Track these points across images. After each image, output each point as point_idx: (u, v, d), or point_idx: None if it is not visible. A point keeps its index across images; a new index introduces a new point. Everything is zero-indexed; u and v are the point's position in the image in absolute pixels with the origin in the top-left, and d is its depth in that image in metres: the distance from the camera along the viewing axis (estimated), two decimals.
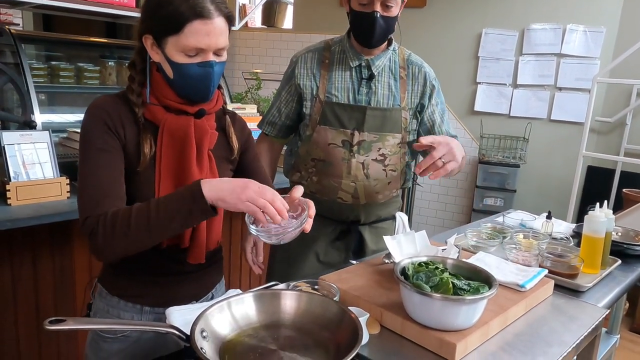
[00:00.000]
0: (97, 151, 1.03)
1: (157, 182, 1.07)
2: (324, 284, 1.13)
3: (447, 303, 0.98)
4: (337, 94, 1.55)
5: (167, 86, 1.08)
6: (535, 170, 4.08)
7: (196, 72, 1.03)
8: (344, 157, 1.55)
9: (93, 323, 1.02)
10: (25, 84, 2.47)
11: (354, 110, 1.54)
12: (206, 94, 1.07)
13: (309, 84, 1.58)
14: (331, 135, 1.55)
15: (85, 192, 1.02)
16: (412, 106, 1.60)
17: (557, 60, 3.93)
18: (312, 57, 1.60)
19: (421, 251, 1.34)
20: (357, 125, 1.53)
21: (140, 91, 1.08)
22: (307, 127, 1.59)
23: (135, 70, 1.10)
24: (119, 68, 3.06)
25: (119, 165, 1.05)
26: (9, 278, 1.93)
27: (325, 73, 1.57)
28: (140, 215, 0.95)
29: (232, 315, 0.89)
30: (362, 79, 1.56)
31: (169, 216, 0.95)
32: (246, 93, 3.71)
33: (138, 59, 1.10)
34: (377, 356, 0.94)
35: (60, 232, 2.02)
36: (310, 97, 1.58)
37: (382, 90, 1.56)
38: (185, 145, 1.08)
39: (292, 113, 1.64)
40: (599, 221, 1.44)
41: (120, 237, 0.95)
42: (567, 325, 1.15)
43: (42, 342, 2.06)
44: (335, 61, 1.58)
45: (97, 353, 1.14)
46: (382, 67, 1.57)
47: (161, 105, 1.08)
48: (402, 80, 1.59)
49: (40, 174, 1.98)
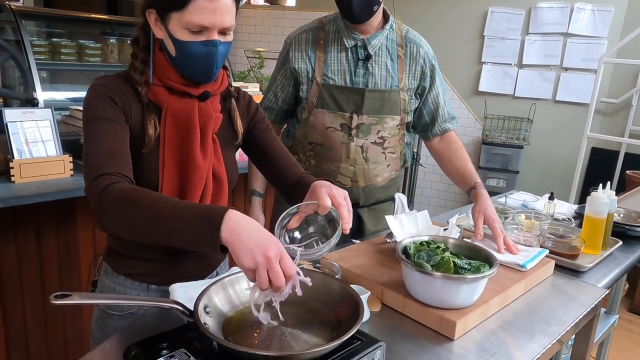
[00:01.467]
0: (103, 120, 0.98)
1: (161, 166, 1.05)
2: (326, 262, 1.14)
3: (447, 282, 0.99)
4: (334, 76, 1.51)
5: (170, 66, 1.04)
6: (539, 152, 4.07)
7: (199, 51, 0.99)
8: (343, 140, 1.53)
9: (97, 298, 1.03)
10: (26, 60, 2.45)
11: (352, 92, 1.50)
12: (209, 74, 1.03)
13: (304, 66, 1.53)
14: (329, 118, 1.52)
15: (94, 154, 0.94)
16: (412, 87, 1.56)
17: (564, 39, 3.87)
18: (306, 38, 1.54)
19: (423, 231, 1.35)
20: (355, 108, 1.50)
21: (143, 69, 1.05)
22: (304, 110, 1.56)
23: (139, 47, 1.06)
24: (121, 45, 3.03)
25: (125, 136, 1.01)
26: (14, 255, 1.95)
27: (320, 54, 1.52)
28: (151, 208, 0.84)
29: (235, 292, 0.90)
30: (359, 59, 1.51)
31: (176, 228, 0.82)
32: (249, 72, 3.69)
33: (141, 35, 1.07)
34: (378, 333, 0.95)
35: (64, 209, 2.03)
36: (306, 81, 1.53)
37: (379, 71, 1.52)
38: (188, 130, 1.06)
39: (289, 97, 1.60)
40: (601, 202, 1.44)
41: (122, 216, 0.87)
42: (566, 305, 1.16)
43: (48, 317, 2.09)
44: (330, 41, 1.52)
45: (103, 329, 1.16)
46: (378, 47, 1.51)
47: (164, 86, 1.05)
48: (400, 60, 1.54)
49: (43, 151, 1.98)
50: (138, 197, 0.86)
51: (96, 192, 0.89)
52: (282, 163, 1.22)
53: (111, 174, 0.91)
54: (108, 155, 0.94)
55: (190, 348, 0.78)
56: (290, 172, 1.21)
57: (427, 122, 1.64)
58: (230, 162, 1.18)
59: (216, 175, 1.12)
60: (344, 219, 0.98)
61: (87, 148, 0.97)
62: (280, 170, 1.22)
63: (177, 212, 0.82)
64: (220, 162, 1.12)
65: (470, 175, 1.55)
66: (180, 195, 1.07)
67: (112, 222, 0.89)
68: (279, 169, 1.22)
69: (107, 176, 0.91)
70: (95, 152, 0.94)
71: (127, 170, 0.96)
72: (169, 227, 0.82)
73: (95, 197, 0.89)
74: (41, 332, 2.09)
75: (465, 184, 1.55)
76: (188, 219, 0.80)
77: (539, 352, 0.97)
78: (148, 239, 0.87)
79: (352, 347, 0.79)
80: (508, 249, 1.30)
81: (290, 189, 1.19)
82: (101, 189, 0.88)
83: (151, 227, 0.83)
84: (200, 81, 1.05)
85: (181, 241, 0.82)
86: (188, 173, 1.07)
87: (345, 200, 1.01)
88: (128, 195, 0.87)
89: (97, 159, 0.93)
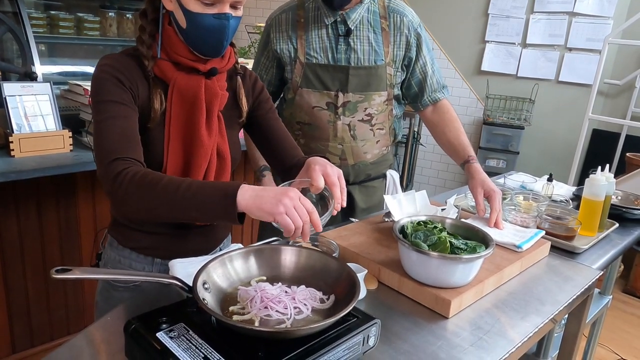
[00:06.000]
0: (112, 103, 0.99)
1: (166, 141, 1.06)
2: (323, 241, 1.15)
3: (443, 261, 1.00)
4: (316, 54, 1.48)
5: (179, 40, 1.03)
6: (540, 133, 4.05)
7: (211, 23, 0.98)
8: (330, 119, 1.52)
9: (98, 273, 1.04)
10: (24, 33, 2.42)
11: (336, 70, 1.48)
12: (219, 48, 1.03)
13: (285, 47, 1.50)
14: (315, 98, 1.50)
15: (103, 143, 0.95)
16: (397, 59, 1.53)
17: (569, 19, 3.81)
18: (287, 18, 1.51)
19: (421, 211, 1.35)
20: (340, 86, 1.48)
21: (150, 43, 1.04)
22: (289, 90, 1.54)
23: (147, 19, 1.05)
24: (120, 19, 2.99)
25: (135, 118, 1.01)
26: (15, 230, 1.97)
27: (301, 33, 1.49)
28: (168, 189, 0.88)
29: (234, 268, 0.91)
30: (339, 35, 1.47)
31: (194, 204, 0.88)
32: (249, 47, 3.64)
33: (150, 7, 1.05)
34: (374, 311, 0.97)
35: (64, 184, 2.04)
36: (289, 61, 1.51)
37: (361, 46, 1.48)
38: (194, 107, 1.05)
39: (274, 79, 1.58)
40: (599, 185, 1.45)
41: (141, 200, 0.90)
42: (561, 285, 1.18)
43: (50, 291, 2.12)
44: (310, 19, 1.49)
45: (108, 300, 1.18)
46: (359, 20, 1.47)
47: (171, 61, 1.04)
48: (385, 33, 1.50)
49: (43, 126, 1.98)
50: (153, 181, 0.89)
51: (110, 177, 0.91)
52: (283, 145, 1.23)
53: (124, 158, 0.93)
54: (120, 140, 0.95)
55: (189, 322, 0.79)
56: (290, 155, 1.21)
57: (417, 93, 1.61)
58: (234, 141, 1.18)
59: (220, 153, 1.12)
60: (336, 199, 0.99)
61: (98, 131, 0.98)
62: (280, 152, 1.22)
63: (193, 188, 0.88)
64: (224, 140, 1.13)
65: (464, 148, 1.53)
66: (184, 172, 1.08)
67: (131, 207, 0.92)
68: (279, 150, 1.23)
69: (120, 161, 0.93)
70: (107, 135, 0.96)
71: (138, 154, 0.98)
72: (188, 205, 0.87)
73: (109, 182, 0.91)
74: (43, 306, 2.12)
75: (459, 156, 1.54)
76: (207, 192, 0.87)
77: (532, 330, 0.98)
78: (167, 218, 0.94)
79: (348, 323, 0.81)
80: (496, 225, 1.33)
81: (288, 170, 1.20)
82: (115, 174, 0.91)
83: (171, 207, 0.89)
84: (209, 55, 1.05)
85: (200, 214, 0.89)
86: (193, 150, 1.07)
87: (339, 179, 1.01)
88: (143, 179, 0.90)
89: (110, 143, 0.95)
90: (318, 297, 0.87)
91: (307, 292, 0.87)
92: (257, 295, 0.83)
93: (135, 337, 0.78)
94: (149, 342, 0.75)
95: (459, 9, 4.16)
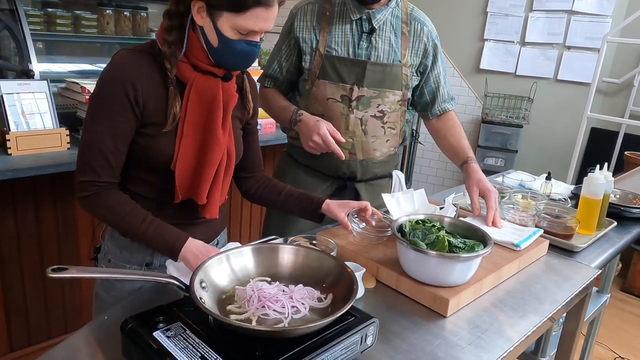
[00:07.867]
0: (108, 117, 1.02)
1: (178, 138, 1.08)
2: (322, 239, 1.15)
3: (442, 260, 1.00)
4: (337, 47, 1.52)
5: (201, 47, 1.06)
6: (539, 131, 4.05)
7: (243, 48, 1.05)
8: (343, 112, 1.54)
9: (94, 272, 1.04)
10: (21, 31, 2.41)
11: (354, 64, 1.51)
12: (245, 68, 1.14)
13: (308, 37, 1.54)
14: (330, 89, 1.53)
15: (86, 155, 1.04)
16: (414, 64, 1.57)
17: (568, 17, 3.81)
18: (312, 10, 1.55)
19: (419, 209, 1.35)
20: (356, 80, 1.51)
21: (174, 51, 1.05)
22: (307, 82, 1.57)
23: (172, 22, 1.06)
24: (117, 17, 2.98)
25: (127, 136, 1.05)
26: (13, 228, 1.96)
27: (325, 26, 1.53)
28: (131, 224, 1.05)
29: (231, 267, 0.91)
30: (363, 32, 1.51)
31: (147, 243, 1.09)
32: None
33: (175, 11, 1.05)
34: (372, 310, 0.96)
35: (61, 182, 2.03)
36: (309, 51, 1.54)
37: (382, 45, 1.52)
38: (213, 107, 1.09)
39: (293, 67, 1.61)
40: (598, 183, 1.45)
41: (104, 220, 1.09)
42: (559, 284, 1.17)
43: (48, 290, 2.12)
44: (336, 14, 1.53)
45: (108, 291, 1.19)
46: (383, 21, 1.52)
47: (190, 63, 1.07)
48: (404, 37, 1.55)
49: (40, 124, 1.97)
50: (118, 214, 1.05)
51: (78, 195, 1.05)
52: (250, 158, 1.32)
53: (93, 183, 1.04)
54: (98, 159, 1.04)
55: (186, 322, 0.79)
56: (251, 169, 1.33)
57: (428, 101, 1.65)
58: (239, 140, 1.23)
59: (228, 152, 1.16)
60: None
61: (84, 137, 1.05)
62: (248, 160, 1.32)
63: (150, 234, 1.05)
64: (232, 139, 1.17)
65: (464, 150, 1.56)
66: (195, 168, 1.11)
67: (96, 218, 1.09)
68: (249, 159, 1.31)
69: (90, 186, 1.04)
70: (89, 150, 1.04)
71: (114, 175, 1.07)
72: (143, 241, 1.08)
73: (78, 198, 1.06)
74: (41, 304, 2.11)
75: (458, 158, 1.56)
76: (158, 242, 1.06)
77: (530, 329, 0.98)
78: None
79: (346, 322, 0.80)
80: (494, 224, 1.34)
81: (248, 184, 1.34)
82: (82, 197, 1.05)
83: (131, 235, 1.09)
84: (232, 71, 1.12)
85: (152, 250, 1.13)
86: (208, 149, 1.11)
87: None
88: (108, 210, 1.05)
89: (88, 159, 1.04)
90: (316, 296, 0.86)
91: (304, 291, 0.87)
92: (255, 294, 0.83)
93: (132, 336, 0.77)
94: (146, 341, 0.75)
95: (458, 7, 4.16)
